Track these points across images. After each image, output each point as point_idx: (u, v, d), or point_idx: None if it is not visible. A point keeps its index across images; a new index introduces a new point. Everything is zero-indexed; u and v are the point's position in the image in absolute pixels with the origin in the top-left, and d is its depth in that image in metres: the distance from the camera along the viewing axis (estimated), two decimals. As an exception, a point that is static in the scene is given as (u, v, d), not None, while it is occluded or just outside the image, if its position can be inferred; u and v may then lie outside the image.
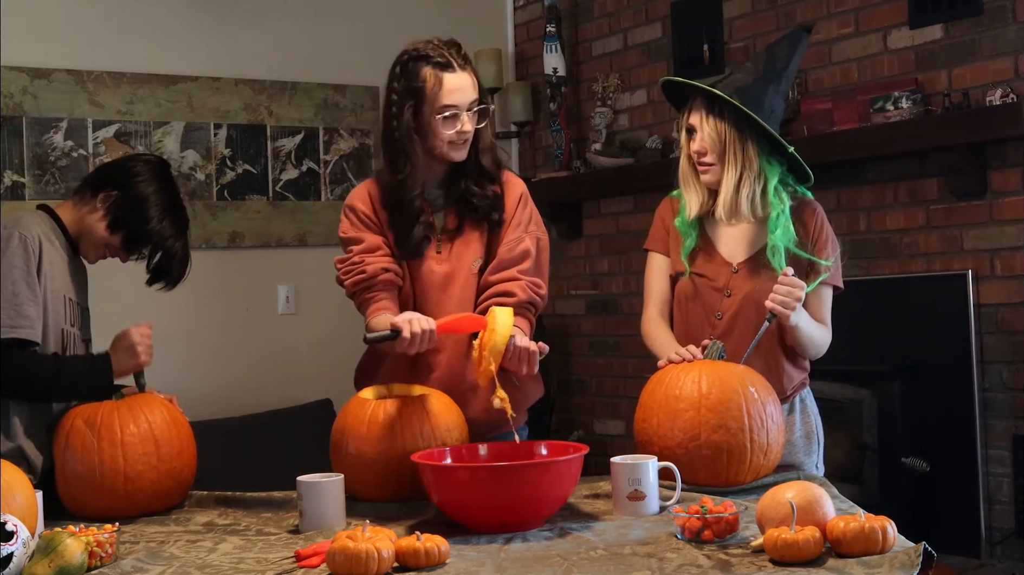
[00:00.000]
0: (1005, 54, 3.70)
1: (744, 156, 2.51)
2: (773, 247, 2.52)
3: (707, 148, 2.54)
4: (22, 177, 4.44)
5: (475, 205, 2.56)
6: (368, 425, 2.33)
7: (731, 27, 4.63)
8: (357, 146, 5.17)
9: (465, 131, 2.49)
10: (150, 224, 2.59)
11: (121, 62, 4.64)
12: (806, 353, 2.59)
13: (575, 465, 2.09)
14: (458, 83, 2.48)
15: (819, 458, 2.67)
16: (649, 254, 2.73)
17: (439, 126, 2.48)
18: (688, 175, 2.62)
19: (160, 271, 2.64)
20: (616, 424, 5.19)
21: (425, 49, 2.50)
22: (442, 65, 2.48)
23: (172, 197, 2.65)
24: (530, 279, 2.55)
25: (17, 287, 2.43)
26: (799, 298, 2.43)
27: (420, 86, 2.48)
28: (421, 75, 2.48)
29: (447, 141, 2.49)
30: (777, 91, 2.56)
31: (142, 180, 2.61)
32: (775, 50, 2.59)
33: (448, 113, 2.47)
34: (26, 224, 2.52)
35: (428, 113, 2.48)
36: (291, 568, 1.86)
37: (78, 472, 2.35)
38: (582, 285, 5.37)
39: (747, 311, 2.55)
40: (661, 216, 2.72)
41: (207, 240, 4.78)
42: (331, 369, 4.68)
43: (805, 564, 1.74)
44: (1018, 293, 3.70)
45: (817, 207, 2.62)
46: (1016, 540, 3.65)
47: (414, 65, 2.49)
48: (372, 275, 2.51)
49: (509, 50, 5.67)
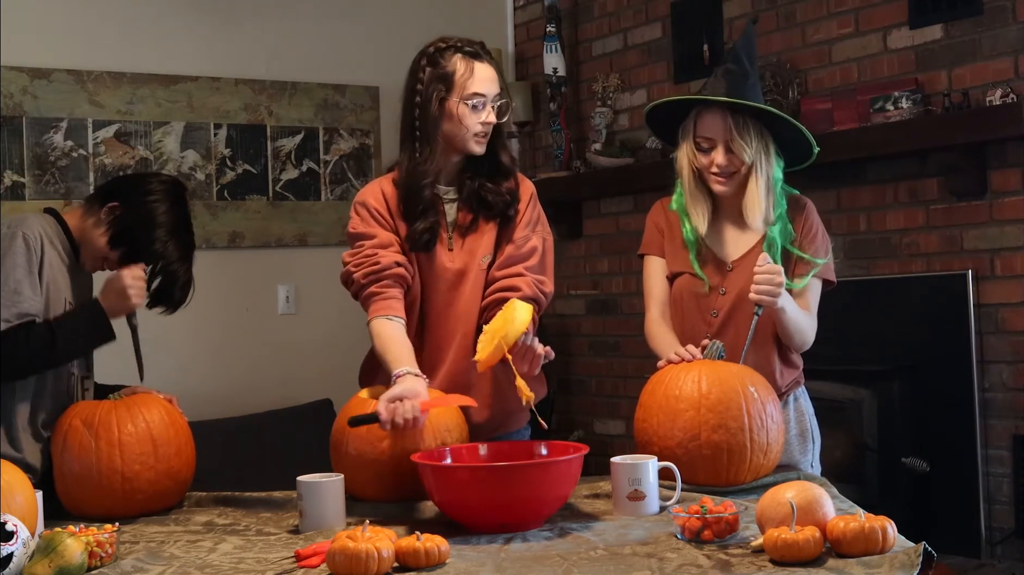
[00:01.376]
0: (1005, 54, 3.70)
1: (768, 163, 2.52)
2: (771, 241, 2.53)
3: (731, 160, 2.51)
4: (22, 177, 4.44)
5: (489, 202, 2.57)
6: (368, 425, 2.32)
7: (731, 27, 4.63)
8: (357, 146, 5.17)
9: (490, 121, 2.52)
10: (154, 245, 2.53)
11: (121, 62, 4.64)
12: (792, 342, 2.57)
13: (575, 465, 2.09)
14: (487, 73, 2.52)
15: (814, 457, 2.66)
16: (646, 258, 2.72)
17: (466, 114, 2.50)
18: (696, 192, 2.59)
19: (161, 294, 2.58)
20: (616, 424, 5.19)
21: (454, 40, 2.54)
22: (473, 54, 2.52)
23: (181, 220, 2.58)
24: (536, 276, 2.56)
25: (20, 285, 2.42)
26: (780, 283, 2.42)
27: (451, 73, 2.50)
28: (452, 62, 2.51)
29: (472, 131, 2.51)
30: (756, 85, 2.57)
31: (153, 199, 2.55)
32: (742, 47, 2.57)
33: (476, 102, 2.50)
34: (29, 224, 2.51)
35: (456, 101, 2.50)
36: (291, 568, 1.86)
37: (76, 472, 2.35)
38: (582, 285, 5.37)
39: (742, 308, 2.55)
40: (654, 220, 2.71)
41: (207, 240, 4.78)
42: (331, 369, 4.68)
43: (805, 564, 1.74)
44: (1018, 293, 3.70)
45: (807, 203, 2.62)
46: (1016, 540, 3.65)
47: (445, 53, 2.52)
48: (385, 267, 2.50)
49: (509, 50, 5.67)
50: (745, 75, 2.52)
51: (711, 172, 2.54)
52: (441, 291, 2.57)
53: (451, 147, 2.54)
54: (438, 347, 2.55)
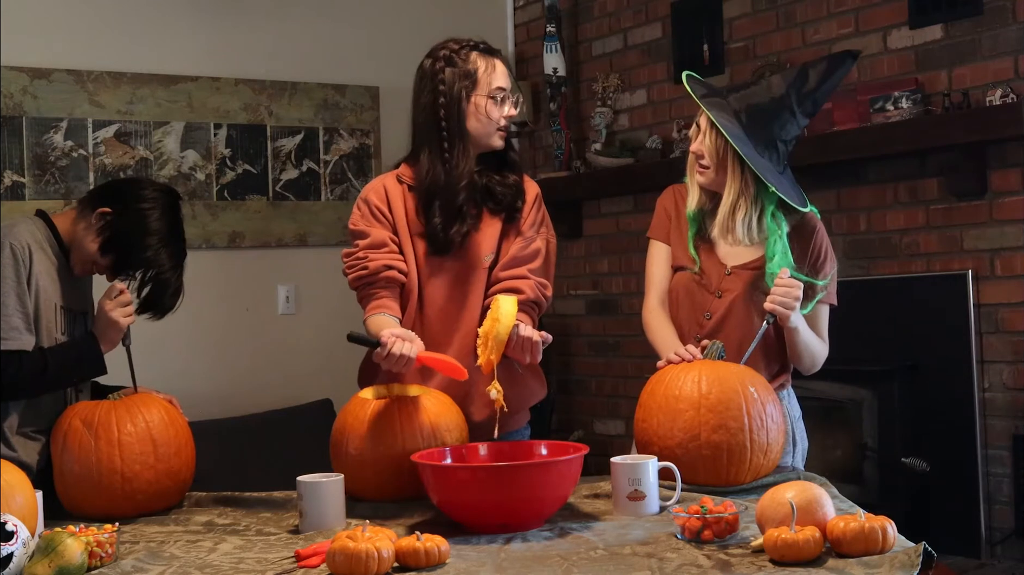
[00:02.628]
0: (1005, 54, 3.70)
1: (742, 178, 2.49)
2: (771, 275, 2.49)
3: (703, 151, 2.53)
4: (22, 177, 4.44)
5: (497, 194, 2.59)
6: (368, 425, 2.33)
7: (731, 27, 4.63)
8: (357, 146, 5.17)
9: (511, 114, 2.60)
10: (145, 252, 2.52)
11: (121, 62, 4.64)
12: (801, 363, 2.57)
13: (575, 465, 2.09)
14: (504, 69, 2.62)
15: (795, 459, 2.62)
16: (651, 242, 2.71)
17: (491, 108, 2.56)
18: (689, 169, 2.62)
19: (150, 302, 2.57)
20: (616, 424, 5.19)
21: (466, 40, 2.61)
22: (488, 51, 2.61)
23: (172, 227, 2.56)
24: (538, 279, 2.58)
25: (7, 299, 2.42)
26: (797, 297, 2.42)
27: (474, 71, 2.56)
28: (472, 60, 2.57)
29: (497, 125, 2.57)
30: (795, 114, 2.50)
31: (146, 207, 2.53)
32: (809, 70, 2.53)
33: (500, 96, 2.57)
34: (16, 233, 2.50)
35: (482, 96, 2.56)
36: (291, 568, 1.86)
37: (75, 472, 2.35)
38: (582, 285, 5.37)
39: (736, 314, 2.54)
40: (664, 205, 2.70)
41: (207, 240, 4.78)
42: (331, 369, 4.68)
43: (805, 564, 1.74)
44: (1018, 293, 3.70)
45: (818, 224, 2.58)
46: (1016, 540, 3.65)
47: (462, 52, 2.58)
48: (373, 272, 2.52)
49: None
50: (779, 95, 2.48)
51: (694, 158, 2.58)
52: (442, 288, 2.57)
53: (474, 145, 2.57)
54: (439, 345, 2.55)
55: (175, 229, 2.58)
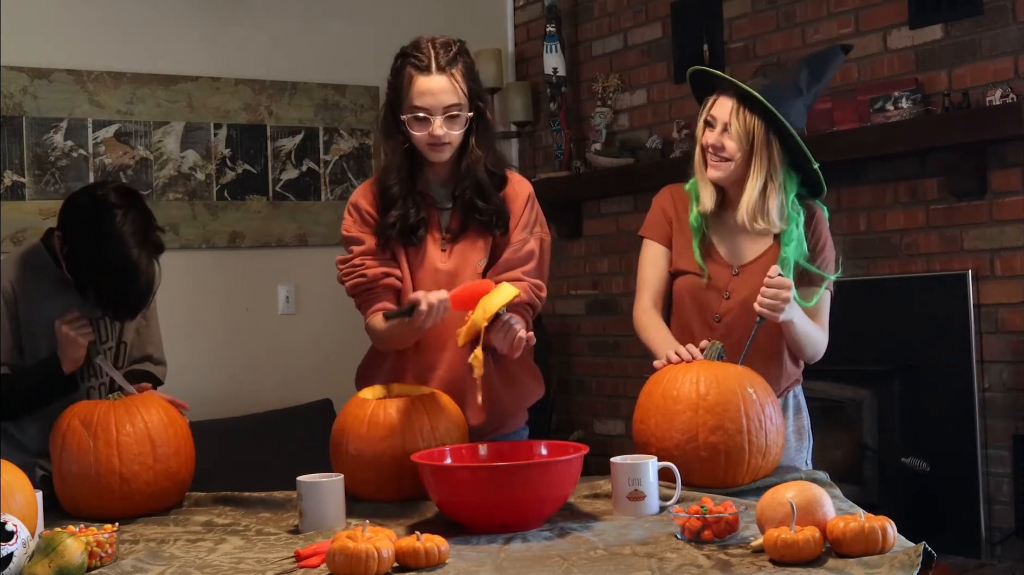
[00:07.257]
0: (1005, 54, 3.70)
1: (771, 162, 2.48)
2: (784, 260, 2.49)
3: (725, 143, 2.49)
4: (22, 177, 4.44)
5: (479, 212, 2.55)
6: (368, 425, 2.33)
7: (731, 27, 4.63)
8: (357, 146, 5.17)
9: (436, 135, 2.47)
10: (82, 267, 2.50)
11: (121, 62, 4.64)
12: (803, 353, 2.57)
13: (575, 465, 2.09)
14: (429, 86, 2.45)
15: (808, 455, 2.66)
16: (645, 242, 2.68)
17: (409, 127, 2.49)
18: (702, 170, 2.57)
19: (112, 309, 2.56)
20: (616, 424, 5.19)
21: (414, 48, 2.50)
22: (419, 67, 2.46)
23: (103, 235, 2.46)
24: (533, 281, 2.55)
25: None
26: (786, 299, 2.40)
27: (399, 87, 2.49)
28: (403, 74, 2.49)
29: (422, 143, 2.50)
30: (804, 106, 2.52)
31: (71, 224, 2.52)
32: (809, 63, 2.54)
33: (418, 115, 2.46)
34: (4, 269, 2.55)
35: (406, 114, 2.48)
36: (291, 568, 1.86)
37: (74, 472, 2.35)
38: (582, 285, 5.37)
39: (747, 315, 2.51)
40: (661, 206, 2.67)
41: (207, 240, 4.78)
42: (331, 369, 4.68)
43: (805, 564, 1.74)
44: (1018, 293, 3.70)
45: (816, 212, 2.59)
46: (1016, 540, 3.65)
47: (401, 62, 2.51)
48: (372, 279, 2.52)
49: (509, 50, 5.67)
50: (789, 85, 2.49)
51: (708, 152, 2.54)
52: None
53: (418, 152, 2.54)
54: (433, 348, 2.54)
55: (104, 231, 2.47)
